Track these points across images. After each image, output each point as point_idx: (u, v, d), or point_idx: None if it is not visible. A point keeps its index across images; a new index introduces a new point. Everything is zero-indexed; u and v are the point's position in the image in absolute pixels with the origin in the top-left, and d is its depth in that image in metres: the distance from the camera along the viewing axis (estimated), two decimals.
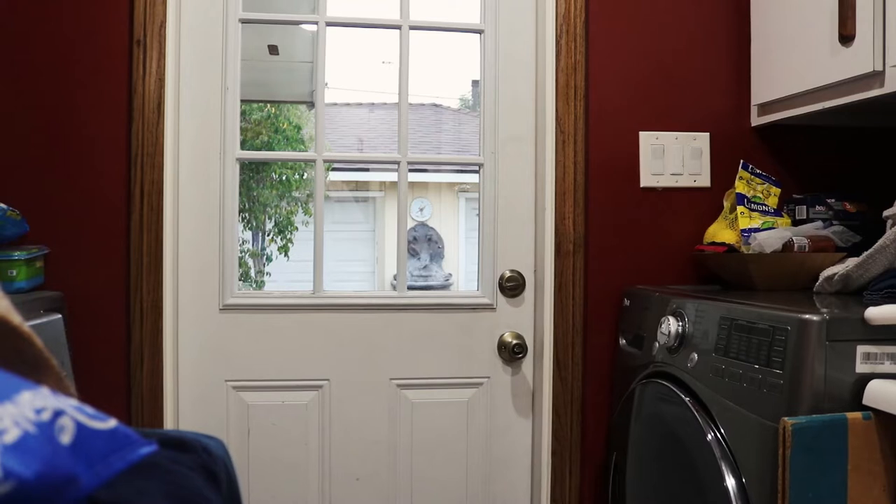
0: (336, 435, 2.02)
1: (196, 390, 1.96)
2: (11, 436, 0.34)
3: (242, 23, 1.98)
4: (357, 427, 2.03)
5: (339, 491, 2.02)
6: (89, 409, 0.40)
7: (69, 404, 0.38)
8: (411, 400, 2.05)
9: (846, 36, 1.64)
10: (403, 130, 2.06)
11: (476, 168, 2.12)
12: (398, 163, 2.05)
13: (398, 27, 2.04)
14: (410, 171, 2.07)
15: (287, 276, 8.10)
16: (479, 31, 2.08)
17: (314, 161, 2.02)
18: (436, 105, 15.13)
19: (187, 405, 1.95)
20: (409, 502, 2.05)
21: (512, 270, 2.06)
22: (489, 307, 2.07)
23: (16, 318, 0.48)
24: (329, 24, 2.02)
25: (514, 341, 2.02)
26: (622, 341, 1.97)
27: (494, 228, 2.08)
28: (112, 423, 0.41)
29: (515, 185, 2.08)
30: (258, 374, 1.99)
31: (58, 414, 0.37)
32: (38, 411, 0.36)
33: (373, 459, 2.04)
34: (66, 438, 0.37)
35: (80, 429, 0.38)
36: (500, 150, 2.07)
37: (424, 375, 2.05)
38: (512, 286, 2.06)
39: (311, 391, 2.01)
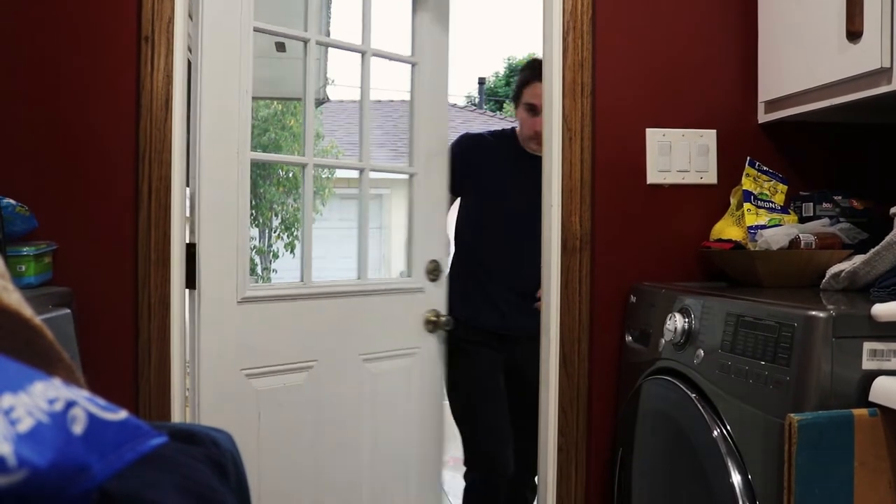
0: (325, 408, 2.15)
1: (215, 381, 1.97)
2: (25, 425, 0.34)
3: (255, 31, 2.03)
4: (339, 399, 2.19)
5: (326, 456, 2.17)
6: (101, 401, 0.40)
7: (81, 395, 0.39)
8: (372, 372, 2.27)
9: (854, 32, 1.63)
10: (365, 140, 2.33)
11: None
12: (361, 170, 2.31)
13: (362, 52, 2.26)
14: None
15: (292, 273, 8.10)
16: None
17: (306, 164, 2.18)
18: None
19: (205, 396, 1.97)
20: (372, 459, 2.28)
21: (432, 261, 2.41)
22: (420, 290, 2.39)
23: (27, 310, 0.48)
24: (318, 42, 2.21)
25: (434, 317, 2.41)
26: (628, 338, 1.97)
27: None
28: (123, 414, 0.41)
29: None
30: (265, 361, 2.05)
31: (70, 404, 0.37)
32: (51, 401, 0.37)
33: (351, 427, 2.23)
34: (78, 429, 0.37)
35: (92, 419, 0.38)
36: None
37: (381, 349, 2.30)
38: (432, 269, 2.42)
39: (304, 372, 2.13)
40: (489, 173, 2.60)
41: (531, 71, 2.47)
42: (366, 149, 2.33)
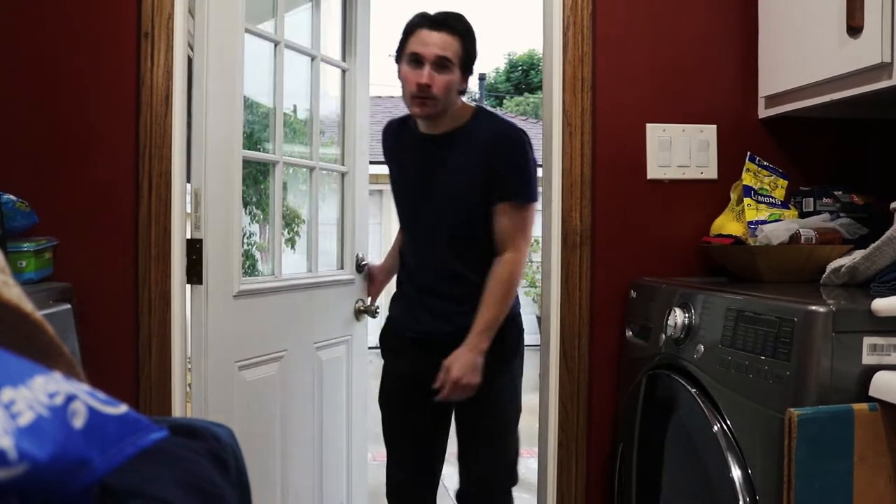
0: (291, 395, 2.23)
1: (210, 374, 1.96)
2: (26, 419, 0.34)
3: (247, 32, 2.04)
4: (299, 386, 2.28)
5: (292, 444, 2.22)
6: (101, 395, 0.40)
7: (81, 389, 0.39)
8: (322, 359, 2.38)
9: (854, 27, 1.63)
10: (316, 138, 2.45)
11: None
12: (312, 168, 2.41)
13: (313, 57, 2.39)
14: None
15: (293, 268, 8.08)
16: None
17: (277, 162, 2.27)
18: None
19: (214, 389, 1.97)
20: (321, 443, 2.38)
21: (359, 254, 2.56)
22: (352, 281, 2.52)
23: (28, 305, 0.48)
24: (286, 45, 2.25)
25: (361, 306, 2.56)
26: (629, 333, 1.97)
27: None
28: (123, 408, 0.41)
29: None
30: (252, 353, 2.07)
31: (70, 398, 0.37)
32: (52, 395, 0.37)
33: (307, 412, 2.33)
34: (78, 422, 0.37)
35: (93, 413, 0.38)
36: None
37: (327, 338, 2.41)
38: (359, 261, 2.56)
39: (277, 362, 2.17)
40: (395, 162, 2.30)
41: (420, 18, 2.06)
42: (316, 147, 2.46)
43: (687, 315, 1.63)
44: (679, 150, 2.07)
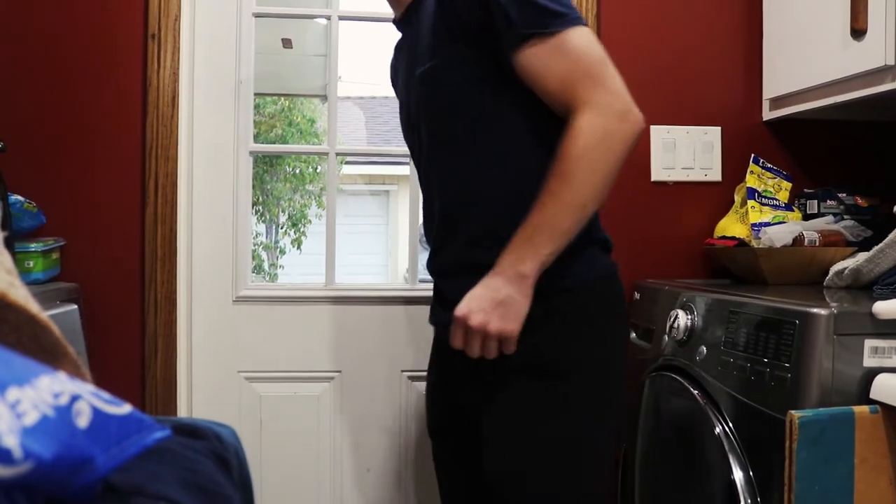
0: (347, 426, 2.02)
1: (209, 381, 1.97)
2: (31, 418, 0.35)
3: (256, 17, 1.99)
4: (368, 418, 2.03)
5: (350, 481, 2.03)
6: (105, 395, 0.41)
7: (86, 389, 0.40)
8: (421, 391, 2.00)
9: (858, 30, 1.63)
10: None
11: None
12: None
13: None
14: None
15: (300, 268, 8.12)
16: None
17: (327, 154, 2.05)
18: None
19: (200, 396, 1.97)
20: (421, 493, 2.06)
21: None
22: None
23: (34, 306, 0.49)
24: (342, 17, 2.04)
25: None
26: (632, 335, 1.97)
27: None
28: (127, 408, 0.42)
29: None
30: (270, 366, 1.99)
31: (75, 398, 0.38)
32: (56, 395, 0.37)
33: (384, 450, 2.04)
34: (82, 422, 0.38)
35: (97, 413, 0.39)
36: None
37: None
38: None
39: (324, 382, 2.01)
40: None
41: None
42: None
43: (690, 317, 1.63)
44: (683, 152, 2.07)
